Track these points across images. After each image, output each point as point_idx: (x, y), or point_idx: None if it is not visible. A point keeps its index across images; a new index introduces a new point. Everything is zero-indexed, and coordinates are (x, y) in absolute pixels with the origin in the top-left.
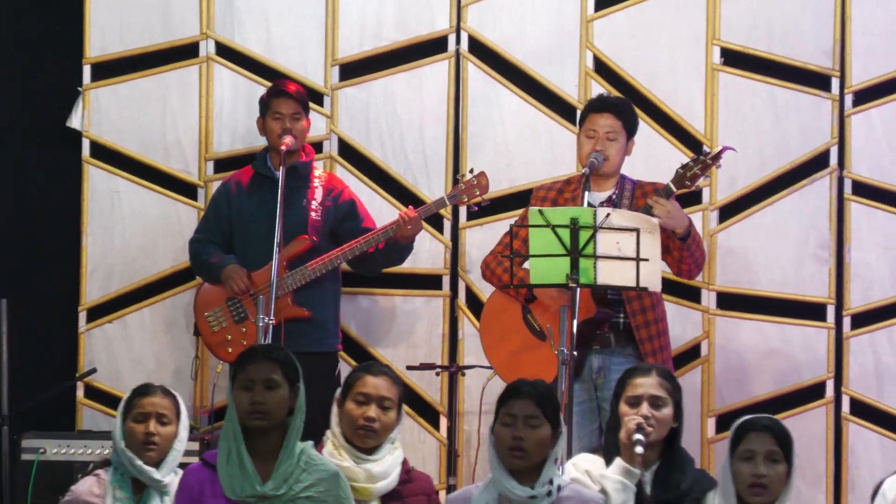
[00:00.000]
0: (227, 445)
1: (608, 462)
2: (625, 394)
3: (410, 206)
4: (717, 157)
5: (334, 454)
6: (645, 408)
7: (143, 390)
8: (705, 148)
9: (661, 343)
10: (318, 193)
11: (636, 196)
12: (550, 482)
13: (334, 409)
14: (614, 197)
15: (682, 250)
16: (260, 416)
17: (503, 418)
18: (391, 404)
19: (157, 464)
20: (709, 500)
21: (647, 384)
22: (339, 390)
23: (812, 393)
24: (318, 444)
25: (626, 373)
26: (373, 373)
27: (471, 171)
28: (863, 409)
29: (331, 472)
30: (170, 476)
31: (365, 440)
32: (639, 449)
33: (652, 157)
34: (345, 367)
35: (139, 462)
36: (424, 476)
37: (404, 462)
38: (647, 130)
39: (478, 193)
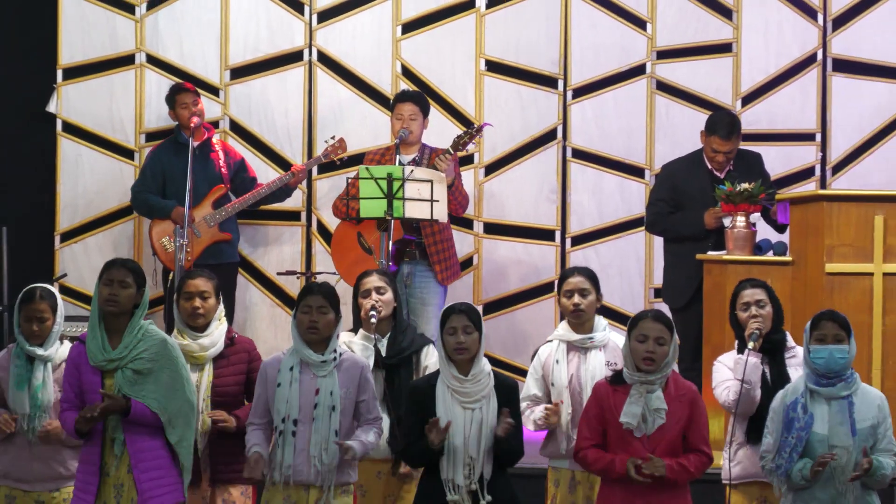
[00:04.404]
0: (91, 326)
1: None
2: (358, 291)
3: (296, 164)
4: (480, 130)
5: (178, 337)
6: (374, 295)
7: (28, 298)
8: (473, 125)
9: (446, 255)
10: (221, 156)
11: (431, 158)
12: (335, 350)
13: (175, 309)
14: (416, 159)
15: (449, 195)
16: (112, 305)
17: (302, 308)
18: (209, 294)
19: (41, 344)
20: (423, 352)
21: (371, 281)
22: (175, 295)
23: (545, 289)
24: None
25: (358, 277)
26: (192, 276)
27: (332, 137)
28: None
29: (160, 339)
30: (51, 350)
31: (196, 321)
32: (372, 321)
33: (441, 133)
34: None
35: (28, 346)
36: (247, 339)
37: (229, 331)
38: (436, 114)
39: (340, 153)
